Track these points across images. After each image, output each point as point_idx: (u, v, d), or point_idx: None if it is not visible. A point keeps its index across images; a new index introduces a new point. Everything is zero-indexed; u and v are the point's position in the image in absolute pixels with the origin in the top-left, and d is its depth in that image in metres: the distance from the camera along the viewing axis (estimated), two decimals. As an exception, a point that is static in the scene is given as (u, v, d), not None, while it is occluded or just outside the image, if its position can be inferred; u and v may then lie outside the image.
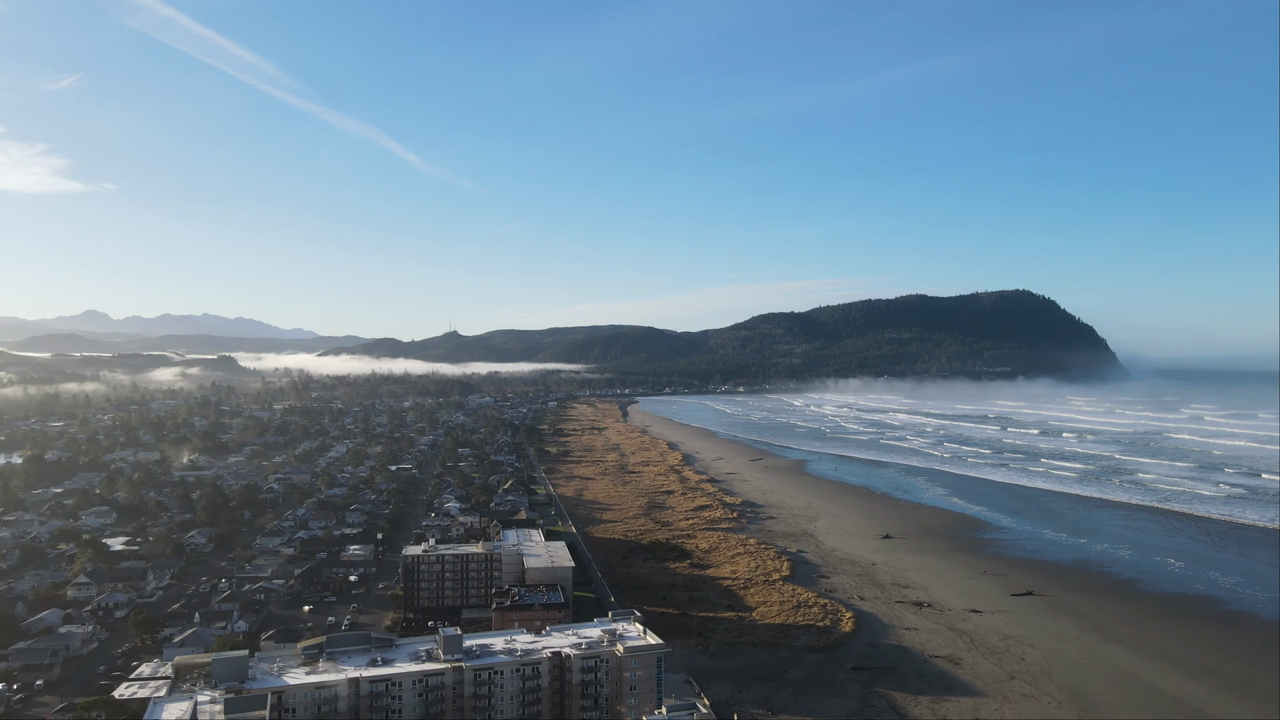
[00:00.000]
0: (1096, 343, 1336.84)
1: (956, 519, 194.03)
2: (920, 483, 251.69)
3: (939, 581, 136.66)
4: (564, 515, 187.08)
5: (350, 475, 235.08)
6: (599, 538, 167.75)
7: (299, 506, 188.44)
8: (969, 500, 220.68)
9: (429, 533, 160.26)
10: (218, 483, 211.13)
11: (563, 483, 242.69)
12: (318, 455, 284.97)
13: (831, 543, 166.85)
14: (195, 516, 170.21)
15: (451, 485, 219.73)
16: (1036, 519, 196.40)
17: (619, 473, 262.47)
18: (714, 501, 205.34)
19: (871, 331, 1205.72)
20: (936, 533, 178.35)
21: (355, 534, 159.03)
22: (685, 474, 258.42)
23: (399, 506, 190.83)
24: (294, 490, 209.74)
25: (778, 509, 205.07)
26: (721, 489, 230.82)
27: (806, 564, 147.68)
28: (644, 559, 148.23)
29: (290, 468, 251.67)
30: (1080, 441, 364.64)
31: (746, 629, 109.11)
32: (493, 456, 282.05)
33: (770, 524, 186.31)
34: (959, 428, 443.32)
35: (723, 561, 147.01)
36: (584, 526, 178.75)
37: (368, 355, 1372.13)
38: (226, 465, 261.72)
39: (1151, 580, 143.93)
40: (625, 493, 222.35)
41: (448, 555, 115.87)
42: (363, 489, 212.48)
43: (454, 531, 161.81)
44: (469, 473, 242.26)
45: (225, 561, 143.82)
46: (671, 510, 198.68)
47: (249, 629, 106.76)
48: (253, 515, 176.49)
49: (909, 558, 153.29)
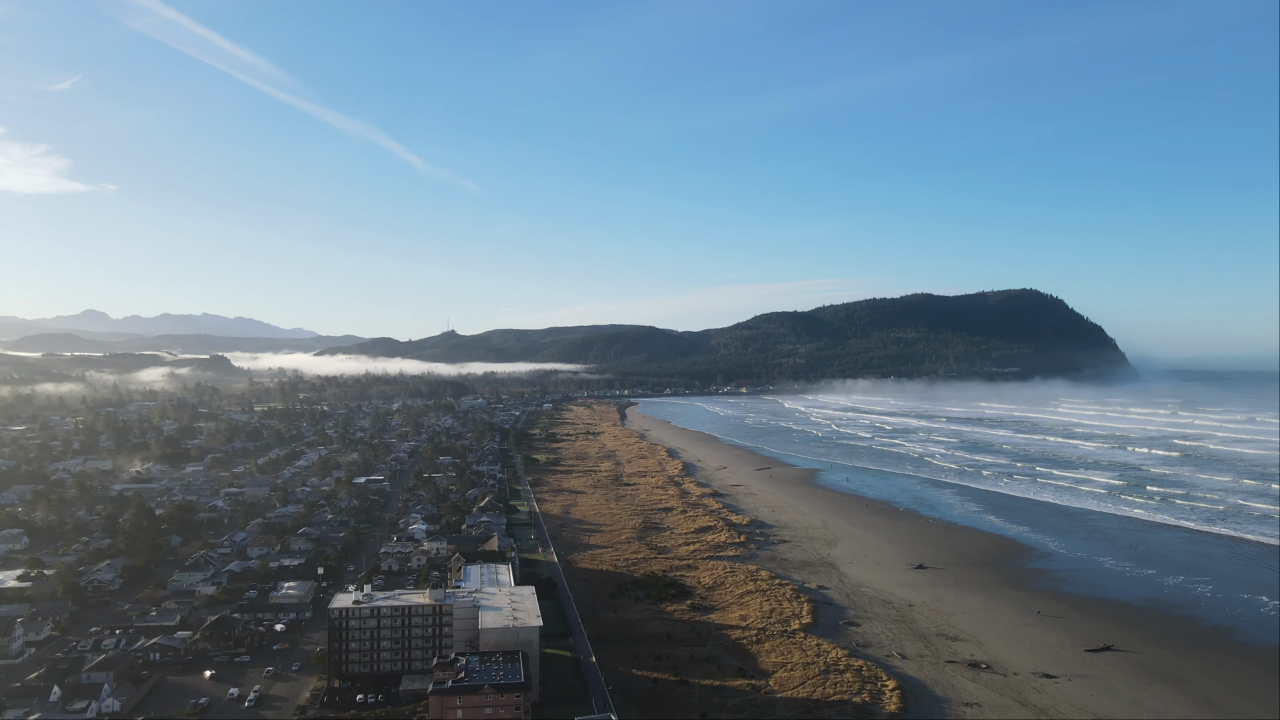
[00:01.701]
0: (1105, 343, 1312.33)
1: (995, 543, 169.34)
2: (946, 497, 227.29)
3: (992, 630, 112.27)
4: (545, 540, 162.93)
5: (312, 489, 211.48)
6: (585, 569, 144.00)
7: (242, 528, 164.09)
8: (1005, 518, 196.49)
9: (386, 562, 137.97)
10: (146, 501, 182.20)
11: (549, 497, 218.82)
12: (285, 464, 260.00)
13: (857, 575, 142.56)
14: (114, 543, 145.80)
15: (424, 501, 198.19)
16: (1086, 542, 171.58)
17: (613, 485, 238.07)
18: (718, 521, 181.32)
19: (877, 331, 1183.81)
20: (976, 560, 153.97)
21: (296, 566, 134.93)
22: (686, 486, 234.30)
23: (357, 530, 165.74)
24: (242, 507, 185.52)
25: (790, 530, 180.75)
26: (726, 505, 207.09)
27: (830, 605, 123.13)
28: (636, 598, 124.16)
29: (249, 479, 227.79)
30: (1109, 448, 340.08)
31: (763, 705, 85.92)
32: (475, 466, 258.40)
33: (783, 550, 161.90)
34: (977, 432, 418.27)
35: (730, 602, 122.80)
36: (568, 553, 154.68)
37: (365, 355, 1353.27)
38: (180, 476, 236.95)
39: (1249, 628, 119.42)
40: (618, 510, 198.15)
41: (385, 608, 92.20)
42: (321, 506, 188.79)
43: (414, 562, 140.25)
44: (446, 486, 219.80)
45: (131, 604, 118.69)
46: (670, 533, 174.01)
47: (122, 709, 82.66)
48: (183, 541, 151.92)
49: (950, 596, 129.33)
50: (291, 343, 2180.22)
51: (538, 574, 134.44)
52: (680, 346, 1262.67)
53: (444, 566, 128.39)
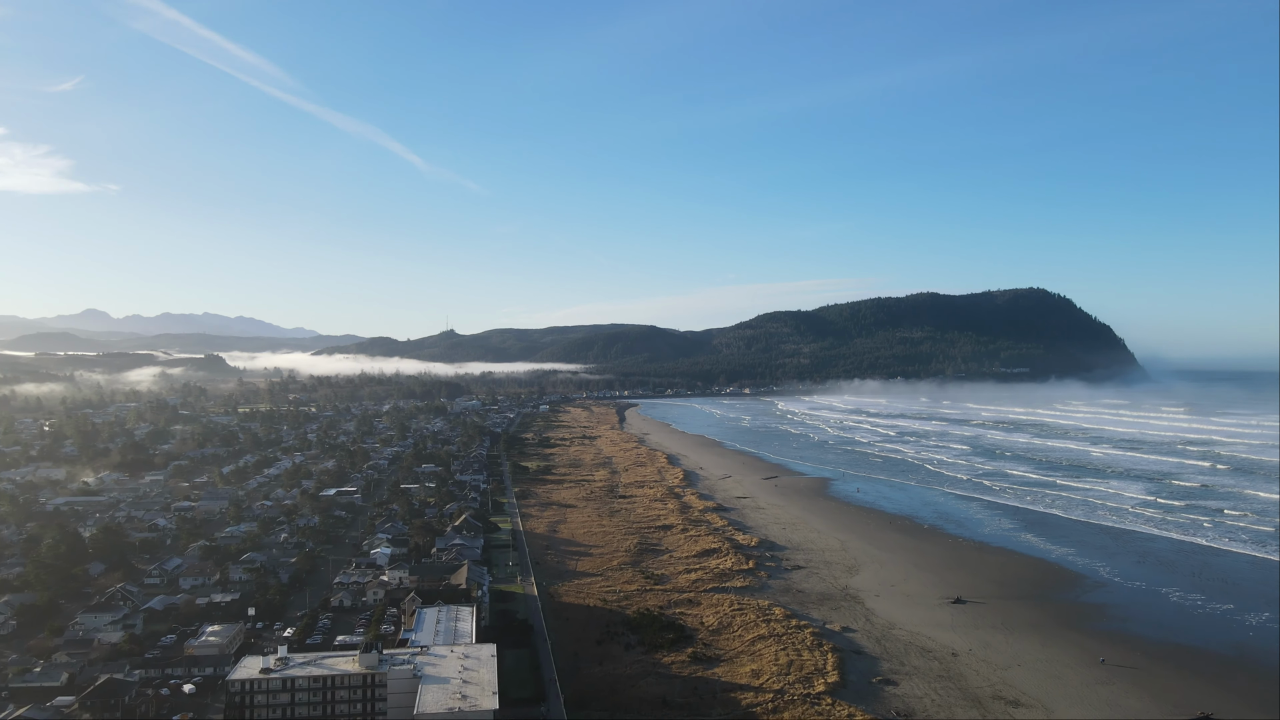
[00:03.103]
0: (1114, 342, 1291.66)
1: (1038, 569, 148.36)
2: (972, 511, 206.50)
3: (1059, 690, 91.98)
4: (526, 566, 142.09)
5: (274, 503, 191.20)
6: (569, 603, 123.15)
7: (182, 552, 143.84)
8: (1042, 537, 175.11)
9: (339, 595, 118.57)
10: (73, 521, 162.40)
11: (536, 512, 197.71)
12: (254, 473, 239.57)
13: (886, 612, 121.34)
14: (25, 572, 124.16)
15: (396, 517, 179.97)
16: (1140, 568, 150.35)
17: (607, 497, 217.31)
18: (723, 543, 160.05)
19: (882, 331, 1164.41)
20: (1020, 592, 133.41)
21: (230, 602, 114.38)
22: (687, 499, 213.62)
23: (311, 554, 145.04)
24: (188, 526, 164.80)
25: (805, 552, 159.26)
26: (731, 522, 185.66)
27: (859, 655, 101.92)
28: (627, 644, 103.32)
29: (208, 491, 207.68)
30: (1138, 454, 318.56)
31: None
32: (458, 475, 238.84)
33: (798, 578, 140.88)
34: (994, 437, 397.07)
35: (738, 650, 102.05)
36: (551, 582, 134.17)
37: (363, 355, 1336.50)
38: (136, 487, 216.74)
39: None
40: (612, 528, 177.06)
41: (301, 679, 71.84)
42: (279, 524, 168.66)
43: (371, 595, 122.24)
44: (423, 499, 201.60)
45: (15, 656, 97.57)
46: (669, 556, 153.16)
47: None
48: (107, 569, 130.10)
49: (1000, 641, 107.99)
50: (291, 342, 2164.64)
51: (512, 612, 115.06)
52: (682, 346, 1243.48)
53: (402, 604, 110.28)
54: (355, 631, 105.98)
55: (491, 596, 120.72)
